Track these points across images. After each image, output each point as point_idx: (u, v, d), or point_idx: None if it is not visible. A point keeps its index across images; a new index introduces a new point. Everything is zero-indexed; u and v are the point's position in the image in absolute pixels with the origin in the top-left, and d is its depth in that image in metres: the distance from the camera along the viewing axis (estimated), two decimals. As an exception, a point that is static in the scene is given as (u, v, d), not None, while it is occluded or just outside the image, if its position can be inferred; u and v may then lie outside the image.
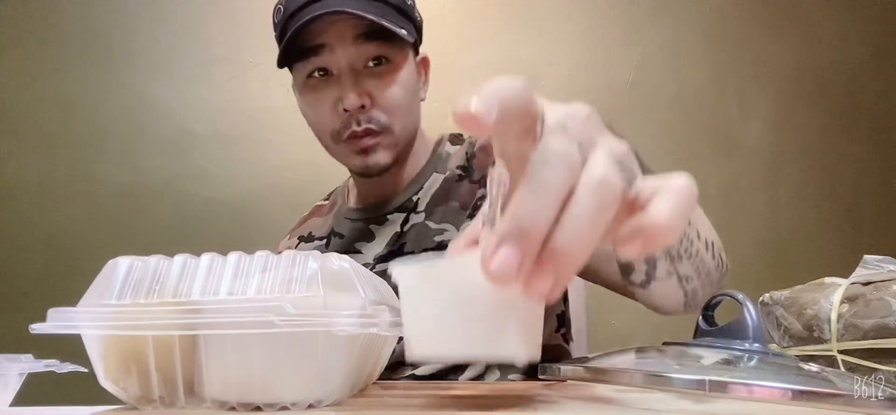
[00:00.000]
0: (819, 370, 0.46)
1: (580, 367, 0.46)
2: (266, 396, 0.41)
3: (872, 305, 0.53)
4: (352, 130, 0.84)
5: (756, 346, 0.49)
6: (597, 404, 0.47)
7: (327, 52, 0.82)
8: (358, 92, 0.82)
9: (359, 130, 0.83)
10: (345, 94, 0.82)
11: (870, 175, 1.92)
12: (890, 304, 0.52)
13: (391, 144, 0.86)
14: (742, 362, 0.48)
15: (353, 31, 0.81)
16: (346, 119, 0.84)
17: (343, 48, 0.82)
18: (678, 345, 0.56)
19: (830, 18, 1.96)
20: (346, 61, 0.82)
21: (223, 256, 0.44)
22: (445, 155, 0.96)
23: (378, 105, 0.84)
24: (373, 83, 0.83)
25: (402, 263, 0.41)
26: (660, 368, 0.45)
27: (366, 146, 0.85)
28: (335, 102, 0.84)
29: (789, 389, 0.40)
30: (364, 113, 0.83)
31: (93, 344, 0.42)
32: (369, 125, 0.83)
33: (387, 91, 0.84)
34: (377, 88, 0.83)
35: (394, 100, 0.84)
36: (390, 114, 0.85)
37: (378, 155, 0.85)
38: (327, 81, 0.84)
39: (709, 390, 0.40)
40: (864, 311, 0.54)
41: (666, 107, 1.91)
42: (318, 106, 0.85)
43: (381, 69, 0.84)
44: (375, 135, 0.84)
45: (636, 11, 1.94)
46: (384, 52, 0.83)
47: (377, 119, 0.84)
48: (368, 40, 0.82)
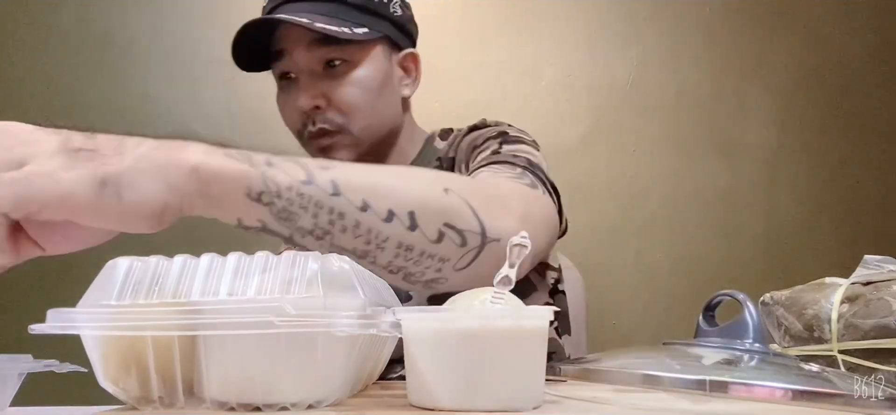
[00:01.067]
0: (819, 370, 0.46)
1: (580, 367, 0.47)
2: (266, 396, 0.41)
3: (872, 306, 0.53)
4: (308, 130, 0.88)
5: (756, 346, 0.49)
6: (597, 404, 0.47)
7: (287, 57, 0.87)
8: (311, 94, 0.86)
9: (314, 129, 0.88)
10: (299, 95, 0.87)
11: (870, 175, 1.92)
12: (890, 304, 0.52)
13: (351, 143, 0.89)
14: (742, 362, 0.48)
15: (306, 36, 0.85)
16: (303, 119, 0.88)
17: (299, 53, 0.86)
18: (678, 345, 0.56)
19: (830, 18, 1.96)
20: (303, 65, 0.87)
21: (223, 256, 0.44)
22: (434, 150, 0.98)
23: (333, 106, 0.87)
24: (328, 84, 0.87)
25: (408, 311, 0.42)
26: (660, 368, 0.45)
27: (323, 145, 0.88)
28: (295, 104, 0.88)
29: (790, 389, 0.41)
30: (319, 113, 0.87)
31: (92, 344, 0.42)
32: (323, 126, 0.87)
33: (341, 91, 0.87)
34: (332, 89, 0.87)
35: (350, 100, 0.87)
36: (346, 114, 0.87)
37: (339, 154, 0.88)
38: (292, 84, 0.89)
39: (709, 391, 0.41)
40: (864, 311, 0.54)
41: (666, 107, 1.90)
42: (285, 107, 0.91)
43: (338, 70, 0.87)
44: (331, 135, 0.87)
45: (636, 11, 1.94)
46: (338, 55, 0.86)
47: (331, 119, 0.87)
48: (322, 44, 0.85)
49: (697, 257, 1.85)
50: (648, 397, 0.49)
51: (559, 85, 1.91)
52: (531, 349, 0.42)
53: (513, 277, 0.44)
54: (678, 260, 1.83)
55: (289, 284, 0.41)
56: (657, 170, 1.88)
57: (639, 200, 1.84)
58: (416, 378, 0.42)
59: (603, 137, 1.89)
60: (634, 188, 1.85)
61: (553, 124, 1.88)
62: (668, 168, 1.87)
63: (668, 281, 1.83)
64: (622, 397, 0.51)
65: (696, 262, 1.84)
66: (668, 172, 1.87)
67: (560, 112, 1.89)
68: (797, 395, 0.40)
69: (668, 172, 1.87)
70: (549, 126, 1.87)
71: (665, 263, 1.84)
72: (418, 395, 0.43)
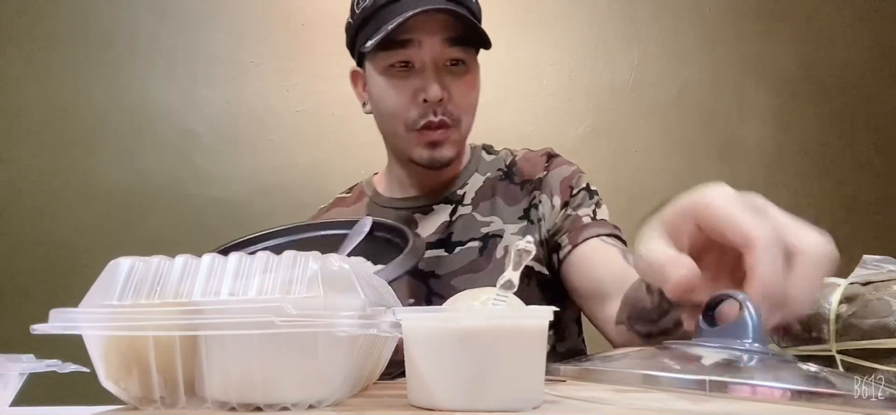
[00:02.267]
0: (818, 370, 0.46)
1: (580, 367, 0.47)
2: (266, 396, 0.42)
3: (871, 306, 0.53)
4: (428, 120, 0.90)
5: (756, 346, 0.49)
6: (597, 404, 0.47)
7: (414, 47, 0.89)
8: (440, 86, 0.89)
9: (435, 120, 0.90)
10: (428, 85, 0.89)
11: (870, 175, 1.92)
12: (890, 304, 0.52)
13: (458, 140, 0.94)
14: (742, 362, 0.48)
15: (442, 32, 0.88)
16: (424, 109, 0.90)
17: (431, 46, 0.89)
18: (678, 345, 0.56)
19: (830, 18, 1.96)
20: (429, 57, 0.89)
21: (224, 256, 0.44)
22: (483, 160, 1.05)
23: (454, 101, 0.91)
24: (451, 80, 0.91)
25: (408, 311, 0.43)
26: (660, 368, 0.45)
27: (436, 139, 0.91)
28: (415, 93, 0.90)
29: (789, 389, 0.41)
30: (441, 105, 0.90)
31: (94, 344, 0.43)
32: (444, 117, 0.90)
33: (463, 90, 0.92)
34: (454, 85, 0.91)
35: (467, 100, 0.93)
36: (463, 111, 0.92)
37: (445, 149, 0.92)
38: (410, 72, 0.90)
39: (709, 390, 0.41)
40: (863, 311, 0.54)
41: (666, 107, 1.91)
42: (400, 93, 0.91)
43: (459, 70, 0.92)
44: (447, 128, 0.91)
45: (636, 11, 1.94)
46: (463, 57, 0.91)
47: (451, 112, 0.91)
48: (454, 44, 0.89)
49: (697, 257, 1.85)
50: (648, 397, 0.50)
51: (560, 85, 1.91)
52: (531, 349, 0.42)
53: (516, 281, 0.44)
54: (678, 260, 1.83)
55: (289, 284, 0.41)
56: (657, 170, 1.89)
57: (639, 199, 1.84)
58: (416, 378, 0.42)
59: (603, 137, 1.89)
60: (634, 188, 1.85)
61: (553, 124, 1.88)
62: (668, 168, 1.87)
63: (668, 281, 1.83)
64: (622, 397, 0.51)
65: (697, 262, 1.84)
66: (669, 171, 1.87)
67: (560, 112, 1.90)
68: (796, 395, 0.40)
69: (668, 172, 1.87)
70: (549, 126, 1.88)
71: (665, 263, 1.84)
72: (418, 395, 0.43)
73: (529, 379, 0.42)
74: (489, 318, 0.42)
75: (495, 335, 0.41)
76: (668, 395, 0.48)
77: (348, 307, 0.41)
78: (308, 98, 1.89)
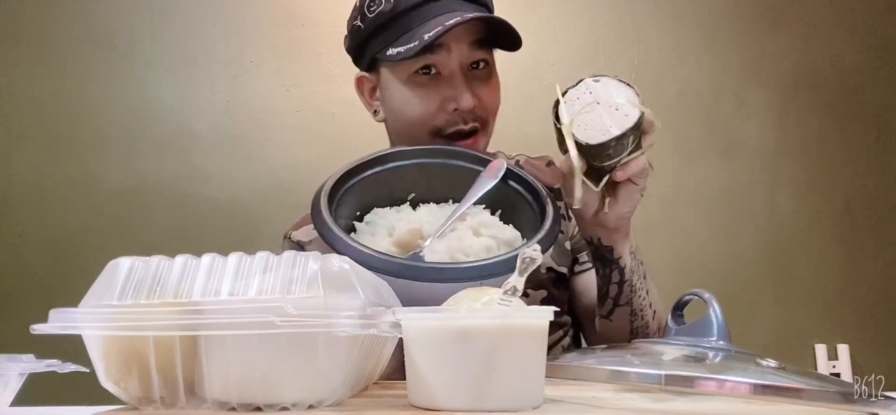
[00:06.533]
0: (777, 366, 0.49)
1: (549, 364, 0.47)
2: (266, 396, 0.42)
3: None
4: (458, 129, 0.87)
5: (721, 343, 0.52)
6: (596, 406, 0.48)
7: (443, 52, 0.85)
8: (471, 93, 0.86)
9: (466, 128, 0.87)
10: (459, 95, 0.85)
11: (869, 175, 1.92)
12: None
13: (484, 143, 0.91)
14: (707, 359, 0.51)
15: (469, 36, 0.85)
16: (453, 117, 0.87)
17: (458, 51, 0.85)
18: (645, 342, 0.63)
19: (829, 18, 1.96)
20: (457, 63, 0.86)
21: (224, 256, 0.44)
22: None
23: (483, 106, 0.88)
24: (478, 85, 0.88)
25: (408, 311, 0.43)
26: (621, 364, 0.47)
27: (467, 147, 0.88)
28: (443, 101, 0.86)
29: (748, 383, 0.43)
30: (472, 113, 0.87)
31: (94, 344, 0.43)
32: (475, 124, 0.88)
33: (490, 93, 0.90)
34: (482, 90, 0.88)
35: (493, 102, 0.91)
36: (491, 114, 0.90)
37: None
38: (436, 80, 0.87)
39: (664, 384, 0.43)
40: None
41: (666, 107, 1.90)
42: (425, 104, 0.87)
43: (483, 72, 0.89)
44: (476, 135, 0.88)
45: (637, 11, 1.94)
46: (488, 57, 0.89)
47: (480, 116, 0.88)
48: (480, 47, 0.87)
49: (697, 257, 1.85)
50: (647, 398, 0.50)
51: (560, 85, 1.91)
52: (531, 349, 0.42)
53: (520, 287, 0.44)
54: (678, 259, 1.83)
55: (289, 284, 0.41)
56: (657, 170, 1.88)
57: (639, 199, 1.84)
58: (416, 378, 0.42)
59: (603, 137, 1.89)
60: (634, 188, 1.85)
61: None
62: (668, 168, 1.87)
63: (668, 280, 1.83)
64: (622, 397, 0.51)
65: (696, 261, 1.84)
66: (669, 171, 1.87)
67: (560, 112, 1.89)
68: (757, 389, 0.43)
69: (668, 172, 1.87)
70: (549, 127, 1.88)
71: (665, 263, 1.84)
72: (418, 395, 0.43)
73: (530, 379, 0.42)
74: (489, 317, 0.42)
75: (496, 335, 0.41)
76: (664, 395, 0.49)
77: (348, 307, 0.41)
78: (308, 98, 1.89)
